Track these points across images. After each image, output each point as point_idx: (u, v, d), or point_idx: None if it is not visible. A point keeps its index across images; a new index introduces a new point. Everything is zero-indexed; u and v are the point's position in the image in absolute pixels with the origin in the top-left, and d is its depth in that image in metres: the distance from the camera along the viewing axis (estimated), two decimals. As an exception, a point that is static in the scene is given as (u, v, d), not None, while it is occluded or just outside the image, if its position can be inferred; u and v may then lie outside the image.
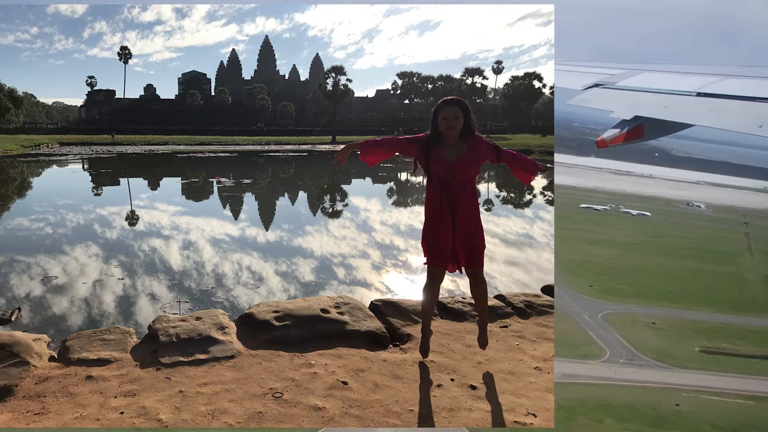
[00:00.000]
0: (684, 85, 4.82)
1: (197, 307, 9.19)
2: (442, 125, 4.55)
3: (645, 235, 50.47)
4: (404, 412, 4.07)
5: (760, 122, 3.74)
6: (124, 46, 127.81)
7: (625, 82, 5.47)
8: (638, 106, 4.73)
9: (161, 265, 12.06)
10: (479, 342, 5.02)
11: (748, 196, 77.84)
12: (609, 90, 5.40)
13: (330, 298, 6.01)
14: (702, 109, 4.37)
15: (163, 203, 23.45)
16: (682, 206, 67.51)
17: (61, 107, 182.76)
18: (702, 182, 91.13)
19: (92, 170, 42.84)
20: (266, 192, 30.11)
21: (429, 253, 4.74)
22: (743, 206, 69.14)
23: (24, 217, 18.68)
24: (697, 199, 71.94)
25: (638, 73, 5.64)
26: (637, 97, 4.99)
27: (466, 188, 4.62)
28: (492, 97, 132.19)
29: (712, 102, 4.37)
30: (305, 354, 4.99)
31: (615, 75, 5.72)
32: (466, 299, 6.32)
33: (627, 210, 61.09)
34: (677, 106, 4.55)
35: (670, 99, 4.69)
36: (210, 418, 3.93)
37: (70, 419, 3.92)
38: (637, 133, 4.57)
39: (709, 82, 4.69)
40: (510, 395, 4.36)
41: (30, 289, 10.26)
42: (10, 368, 4.49)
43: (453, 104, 4.59)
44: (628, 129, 4.56)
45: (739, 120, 3.96)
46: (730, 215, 62.76)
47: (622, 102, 4.97)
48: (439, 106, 4.61)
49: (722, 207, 68.43)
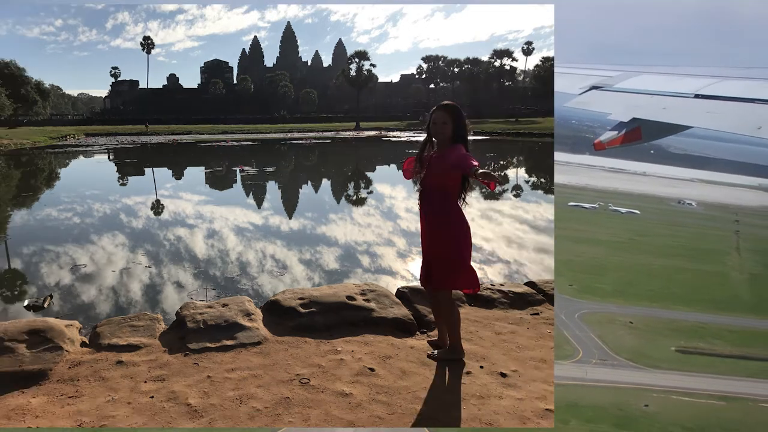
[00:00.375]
0: (682, 86, 4.80)
1: (223, 295, 9.25)
2: (432, 129, 4.47)
3: (632, 233, 49.91)
4: (432, 399, 4.03)
5: (759, 124, 3.68)
6: (147, 36, 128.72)
7: (623, 84, 5.45)
8: (636, 108, 4.71)
9: (186, 254, 12.18)
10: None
11: (742, 194, 76.39)
12: (607, 92, 5.38)
13: (356, 285, 5.98)
14: (700, 110, 4.34)
15: (187, 192, 23.67)
16: (674, 204, 66.36)
17: (86, 98, 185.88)
18: (696, 180, 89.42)
19: (117, 160, 43.43)
20: (289, 180, 30.22)
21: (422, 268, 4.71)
22: (737, 204, 67.77)
23: (53, 208, 19.01)
24: (689, 197, 70.50)
25: (636, 75, 5.61)
26: (634, 99, 4.97)
27: (436, 197, 4.45)
28: (522, 79, 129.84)
29: (710, 104, 4.34)
30: (331, 341, 4.97)
31: (612, 77, 5.72)
32: (494, 286, 6.24)
33: (616, 208, 60.27)
34: (675, 108, 4.52)
35: (668, 101, 4.66)
36: (238, 403, 3.95)
37: (103, 402, 3.97)
38: (634, 135, 4.53)
39: (707, 83, 4.66)
40: (541, 383, 4.30)
41: (60, 277, 10.43)
42: (44, 353, 4.57)
43: (442, 110, 4.44)
44: (625, 131, 4.54)
45: (737, 122, 3.92)
46: (721, 213, 61.56)
47: (619, 104, 4.95)
48: (431, 110, 4.53)
49: (714, 205, 67.05)
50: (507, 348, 4.89)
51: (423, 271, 4.66)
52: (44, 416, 3.84)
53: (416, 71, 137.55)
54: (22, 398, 4.05)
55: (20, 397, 4.06)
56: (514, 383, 4.27)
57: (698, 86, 4.63)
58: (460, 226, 4.46)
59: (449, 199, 4.45)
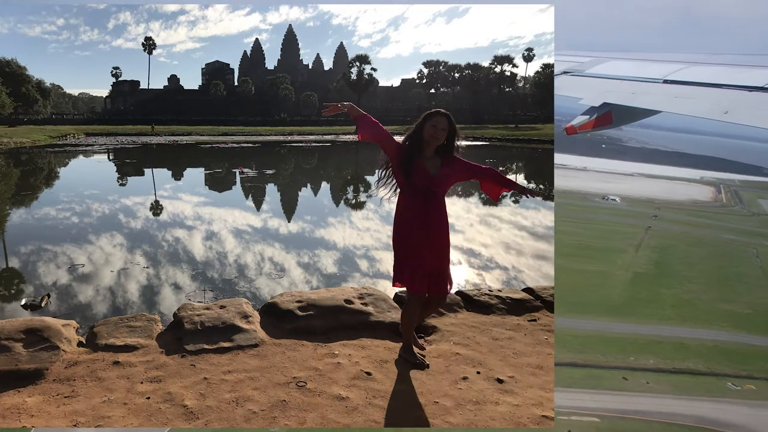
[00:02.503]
0: (651, 72, 4.88)
1: (221, 296, 9.24)
2: (429, 131, 4.34)
3: (530, 230, 47.45)
4: (429, 404, 4.03)
5: (726, 108, 3.73)
6: (149, 36, 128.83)
7: (594, 69, 5.52)
8: (606, 93, 4.78)
9: (184, 255, 12.16)
10: None
11: (680, 188, 73.03)
12: (577, 77, 5.42)
13: (354, 289, 5.99)
14: (669, 96, 4.43)
15: (186, 194, 23.65)
16: (597, 200, 62.93)
17: (87, 98, 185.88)
18: (637, 174, 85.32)
19: (117, 160, 43.40)
20: (289, 183, 30.21)
21: (407, 274, 4.43)
22: (668, 198, 64.81)
23: (51, 207, 18.98)
24: (621, 192, 66.80)
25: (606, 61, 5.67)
26: (605, 85, 5.02)
27: (441, 203, 4.46)
28: (522, 85, 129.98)
29: (678, 89, 4.43)
30: (329, 344, 4.98)
31: (583, 63, 5.75)
32: (492, 292, 6.25)
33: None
34: (644, 93, 4.61)
35: (638, 86, 4.74)
36: (234, 405, 3.95)
37: (99, 402, 3.97)
38: (605, 119, 4.59)
39: (675, 69, 4.75)
40: (538, 389, 4.30)
41: (57, 277, 10.42)
42: (41, 352, 4.57)
43: (444, 117, 4.39)
44: (596, 116, 4.60)
45: (705, 106, 3.98)
46: (645, 209, 58.21)
47: (590, 89, 4.99)
48: (431, 114, 4.41)
49: (641, 200, 63.38)
50: (504, 354, 4.89)
51: (419, 277, 4.41)
52: (40, 416, 3.83)
53: (417, 76, 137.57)
54: (18, 397, 4.05)
55: (16, 396, 4.06)
56: (510, 389, 4.28)
57: (667, 72, 4.71)
58: None
59: (445, 205, 4.51)
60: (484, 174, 4.64)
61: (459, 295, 6.16)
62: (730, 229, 50.63)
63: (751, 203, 64.07)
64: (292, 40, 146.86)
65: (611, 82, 5.02)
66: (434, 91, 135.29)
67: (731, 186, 75.63)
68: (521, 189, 4.69)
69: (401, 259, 4.47)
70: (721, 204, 63.71)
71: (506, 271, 11.61)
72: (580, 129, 4.61)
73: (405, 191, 4.45)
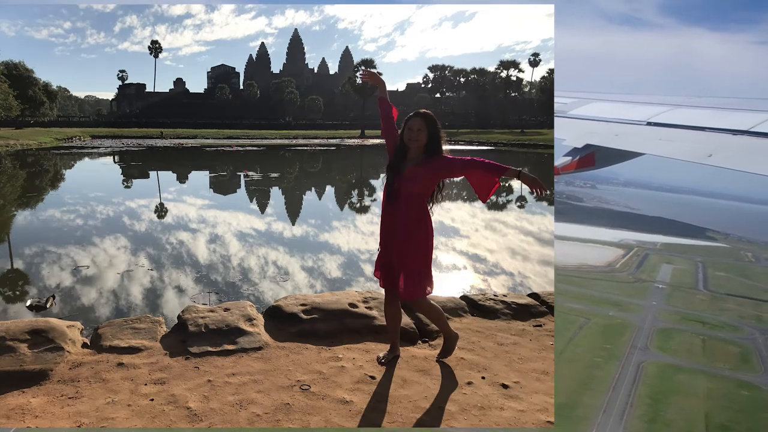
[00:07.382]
0: (635, 114, 4.86)
1: (225, 299, 9.23)
2: (406, 134, 4.45)
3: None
4: (433, 409, 4.01)
5: (709, 151, 3.69)
6: (155, 40, 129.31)
7: (577, 110, 5.48)
8: (590, 135, 4.76)
9: (189, 258, 12.17)
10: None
11: (587, 250, 61.97)
12: (562, 118, 5.40)
13: (358, 293, 5.98)
14: (652, 138, 4.37)
15: (191, 196, 23.69)
16: None
17: (93, 101, 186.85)
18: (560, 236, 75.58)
19: (122, 163, 43.54)
20: (293, 186, 30.24)
21: (377, 267, 4.68)
22: (560, 262, 53.68)
23: (56, 209, 19.04)
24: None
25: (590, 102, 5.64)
26: (588, 126, 4.99)
27: (408, 204, 4.41)
28: (528, 90, 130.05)
29: (662, 131, 4.37)
30: (333, 347, 4.96)
31: (567, 104, 5.73)
32: (497, 296, 6.23)
33: None
34: (627, 135, 4.59)
35: (621, 128, 4.70)
36: (238, 408, 3.94)
37: (103, 404, 3.96)
38: (588, 161, 4.59)
39: (659, 111, 4.70)
40: (543, 395, 4.27)
41: (62, 278, 10.43)
42: (45, 353, 4.57)
43: (418, 117, 4.45)
44: (579, 157, 4.57)
45: (688, 149, 3.94)
46: None
47: (574, 130, 4.97)
48: (409, 116, 4.51)
49: None
50: (509, 359, 4.87)
51: (385, 273, 4.60)
52: (44, 416, 3.83)
53: (422, 80, 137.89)
54: (23, 398, 4.05)
55: (20, 397, 4.06)
56: (515, 395, 4.25)
57: (651, 114, 4.68)
58: (430, 229, 4.50)
59: (424, 204, 4.47)
60: (467, 166, 4.35)
61: (464, 300, 6.15)
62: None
63: (652, 268, 55.62)
64: (298, 44, 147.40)
65: (595, 124, 5.00)
66: (440, 95, 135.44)
67: (648, 249, 65.70)
68: (515, 173, 4.25)
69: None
70: (611, 268, 55.48)
71: (512, 277, 11.56)
72: (562, 170, 4.62)
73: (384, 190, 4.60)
